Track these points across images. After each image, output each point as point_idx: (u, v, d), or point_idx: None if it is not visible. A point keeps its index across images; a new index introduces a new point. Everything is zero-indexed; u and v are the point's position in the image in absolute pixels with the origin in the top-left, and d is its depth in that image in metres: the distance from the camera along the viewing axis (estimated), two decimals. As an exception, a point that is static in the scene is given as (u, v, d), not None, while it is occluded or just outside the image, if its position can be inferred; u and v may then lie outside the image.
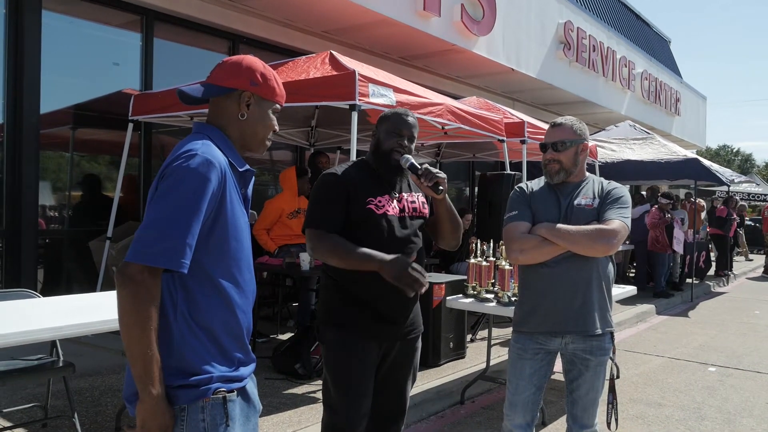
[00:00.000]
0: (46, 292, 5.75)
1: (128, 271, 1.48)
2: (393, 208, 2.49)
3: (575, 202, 2.67)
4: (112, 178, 6.34)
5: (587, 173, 2.81)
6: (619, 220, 2.58)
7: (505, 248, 2.73)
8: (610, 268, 2.72)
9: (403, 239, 2.47)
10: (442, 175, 2.42)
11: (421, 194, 2.63)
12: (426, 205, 2.64)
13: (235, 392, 1.64)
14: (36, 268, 5.65)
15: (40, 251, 5.83)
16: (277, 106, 1.81)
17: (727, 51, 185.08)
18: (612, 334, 2.72)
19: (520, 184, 2.85)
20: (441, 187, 2.43)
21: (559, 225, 2.59)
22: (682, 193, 18.86)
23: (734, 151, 64.62)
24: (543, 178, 2.82)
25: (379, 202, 2.47)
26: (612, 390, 2.86)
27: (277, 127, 1.82)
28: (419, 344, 2.62)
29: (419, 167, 2.45)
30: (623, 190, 2.71)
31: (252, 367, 1.75)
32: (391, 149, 2.50)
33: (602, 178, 2.84)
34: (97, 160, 6.59)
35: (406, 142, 2.52)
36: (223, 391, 1.60)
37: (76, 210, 6.26)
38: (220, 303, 1.63)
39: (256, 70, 1.75)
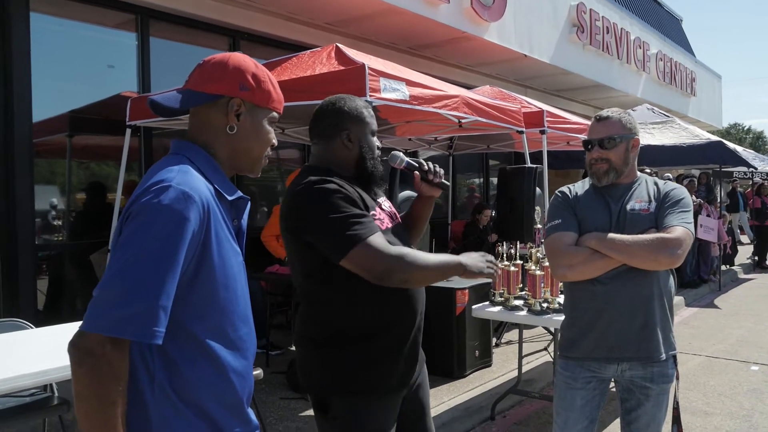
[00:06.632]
0: (48, 311, 5.47)
1: (85, 344, 1.13)
2: (386, 220, 2.02)
3: (628, 206, 2.31)
4: (112, 186, 6.03)
5: (638, 172, 2.46)
6: (683, 227, 2.21)
7: (550, 263, 2.38)
8: (671, 281, 2.36)
9: None
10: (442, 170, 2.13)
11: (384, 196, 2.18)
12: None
13: None
14: (35, 288, 5.34)
15: (40, 267, 5.53)
16: (275, 114, 1.45)
17: (736, 28, 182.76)
18: (675, 357, 2.37)
19: (561, 189, 2.49)
20: (448, 183, 2.12)
21: (612, 234, 2.24)
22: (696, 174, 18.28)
23: (745, 129, 63.50)
24: (588, 180, 2.46)
25: (378, 215, 1.99)
26: (676, 420, 2.49)
27: (275, 141, 1.45)
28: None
29: (419, 164, 2.09)
30: (683, 191, 2.35)
31: None
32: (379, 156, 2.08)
33: (655, 177, 2.48)
34: (95, 167, 6.29)
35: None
36: None
37: (75, 221, 5.96)
38: (210, 369, 1.28)
39: (246, 70, 1.38)
